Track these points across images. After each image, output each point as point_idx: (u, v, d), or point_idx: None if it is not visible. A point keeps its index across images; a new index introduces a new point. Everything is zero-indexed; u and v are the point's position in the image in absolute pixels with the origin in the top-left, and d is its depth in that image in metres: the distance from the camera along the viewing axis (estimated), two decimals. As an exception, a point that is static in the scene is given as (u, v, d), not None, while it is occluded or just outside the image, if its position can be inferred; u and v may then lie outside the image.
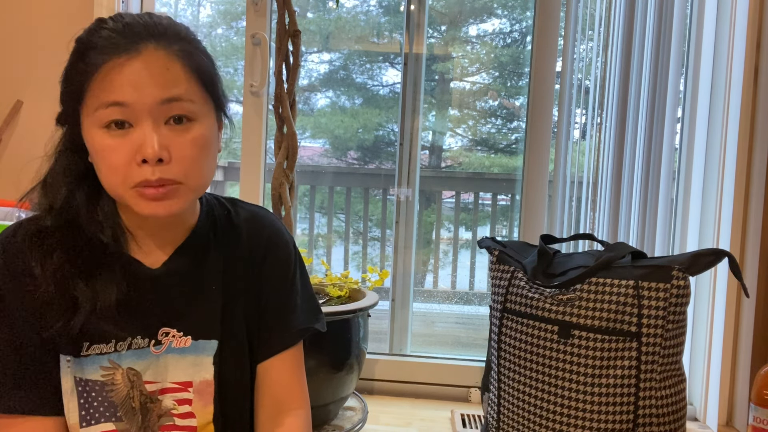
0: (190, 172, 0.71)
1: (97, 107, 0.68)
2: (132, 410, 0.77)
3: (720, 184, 1.62)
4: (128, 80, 0.67)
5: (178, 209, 0.72)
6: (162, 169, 0.69)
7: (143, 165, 0.68)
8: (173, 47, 0.70)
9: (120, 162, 0.69)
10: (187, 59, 0.72)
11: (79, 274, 0.72)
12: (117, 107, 0.68)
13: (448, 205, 2.84)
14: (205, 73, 0.74)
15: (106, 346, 0.75)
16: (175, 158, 0.70)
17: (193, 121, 0.72)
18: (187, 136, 0.71)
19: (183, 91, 0.70)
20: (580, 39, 1.75)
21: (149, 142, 0.68)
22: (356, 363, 1.53)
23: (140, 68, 0.68)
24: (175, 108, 0.70)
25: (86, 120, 0.71)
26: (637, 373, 1.03)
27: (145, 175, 0.68)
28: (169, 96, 0.69)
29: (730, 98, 1.60)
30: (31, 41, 1.79)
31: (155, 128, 0.69)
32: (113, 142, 0.69)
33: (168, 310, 0.79)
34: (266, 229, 0.87)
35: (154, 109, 0.69)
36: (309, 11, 2.58)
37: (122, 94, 0.67)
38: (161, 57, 0.69)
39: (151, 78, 0.68)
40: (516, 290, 1.18)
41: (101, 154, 0.70)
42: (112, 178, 0.70)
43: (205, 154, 0.73)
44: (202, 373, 0.80)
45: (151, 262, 0.79)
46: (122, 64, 0.67)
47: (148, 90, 0.68)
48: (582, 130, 1.79)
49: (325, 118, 2.74)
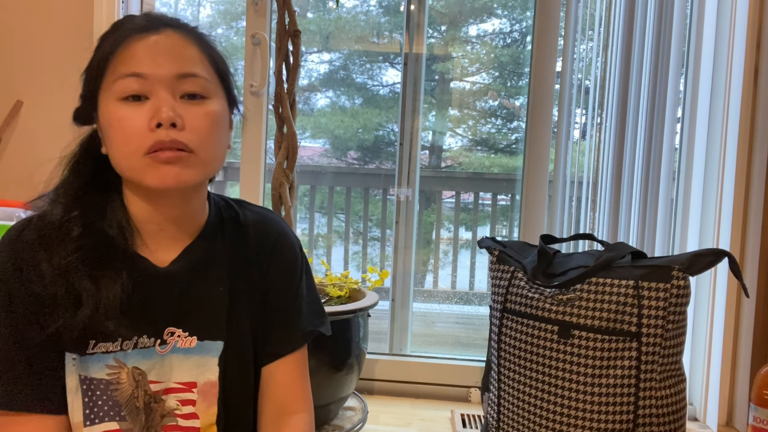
0: (202, 143, 0.73)
1: (116, 79, 0.71)
2: (136, 410, 0.77)
3: (720, 184, 1.62)
4: (147, 53, 0.71)
5: (188, 180, 0.73)
6: (176, 133, 0.71)
7: (157, 130, 0.70)
8: (191, 33, 0.76)
9: (135, 129, 0.71)
10: (203, 45, 0.77)
11: (86, 272, 0.72)
12: (135, 78, 0.71)
13: (448, 205, 2.84)
14: (218, 62, 0.78)
15: (112, 344, 0.75)
16: (188, 127, 0.72)
17: (206, 99, 0.75)
18: (200, 110, 0.74)
19: (198, 69, 0.74)
20: (580, 39, 1.75)
21: (164, 107, 0.70)
22: (356, 363, 1.53)
23: (159, 43, 0.72)
24: (189, 84, 0.73)
25: (104, 96, 0.73)
26: (637, 373, 1.03)
27: (160, 137, 0.70)
28: (186, 71, 0.73)
29: (730, 98, 1.60)
30: (31, 41, 1.79)
31: (172, 98, 0.72)
32: (129, 112, 0.71)
33: (174, 310, 0.79)
34: (274, 232, 0.87)
35: (170, 83, 0.72)
36: (309, 11, 2.58)
37: (140, 66, 0.71)
38: (179, 38, 0.74)
39: (169, 53, 0.72)
40: (516, 290, 1.18)
41: (117, 125, 0.72)
42: (125, 147, 0.72)
43: (217, 129, 0.76)
44: (206, 374, 0.80)
45: (159, 260, 0.79)
46: (142, 39, 0.72)
47: (165, 64, 0.72)
48: (582, 130, 1.79)
49: (325, 118, 2.74)
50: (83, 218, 0.74)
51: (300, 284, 0.89)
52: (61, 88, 1.79)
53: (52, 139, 1.78)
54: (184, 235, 0.81)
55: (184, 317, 0.79)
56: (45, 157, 0.75)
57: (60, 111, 1.77)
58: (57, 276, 0.72)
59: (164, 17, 0.76)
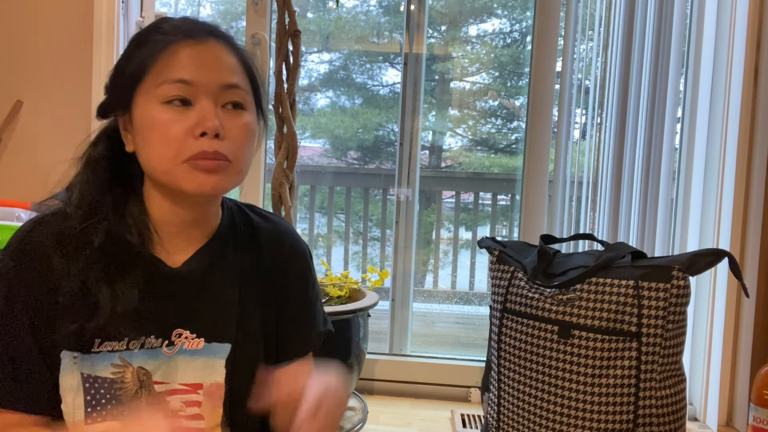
0: (239, 153, 0.75)
1: (161, 83, 0.72)
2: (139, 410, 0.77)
3: (720, 184, 1.62)
4: (195, 61, 0.72)
5: (223, 189, 0.75)
6: (218, 143, 0.72)
7: (200, 138, 0.71)
8: (233, 48, 0.78)
9: (177, 134, 0.71)
10: (242, 57, 0.78)
11: (105, 278, 0.73)
12: (182, 84, 0.72)
13: (448, 205, 2.84)
14: (255, 75, 0.80)
15: (119, 343, 0.75)
16: (228, 137, 0.73)
17: (244, 110, 0.76)
18: (240, 121, 0.75)
19: (241, 80, 0.76)
20: (580, 39, 1.75)
21: (210, 116, 0.72)
22: (356, 363, 1.53)
23: (206, 52, 0.74)
24: (232, 94, 0.75)
25: (143, 97, 0.73)
26: (637, 373, 1.03)
27: (203, 147, 0.71)
28: (230, 82, 0.74)
29: (730, 98, 1.60)
30: (31, 41, 1.79)
31: (215, 107, 0.73)
32: (172, 116, 0.72)
33: (183, 311, 0.79)
34: (288, 240, 0.88)
35: (215, 91, 0.73)
36: (309, 11, 2.58)
37: (189, 73, 0.72)
38: (223, 49, 0.76)
39: (216, 63, 0.74)
40: (516, 290, 1.18)
41: (159, 128, 0.72)
42: (165, 151, 0.72)
43: (250, 141, 0.78)
44: (213, 375, 0.80)
45: (171, 261, 0.79)
46: (190, 46, 0.73)
47: (212, 73, 0.73)
48: (582, 130, 1.79)
49: (325, 118, 2.74)
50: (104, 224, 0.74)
51: (314, 289, 0.91)
52: (61, 88, 1.79)
53: (52, 139, 1.79)
54: (198, 236, 0.81)
55: (193, 318, 0.79)
56: (45, 157, 0.75)
57: (60, 111, 1.78)
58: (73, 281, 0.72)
59: (207, 25, 0.77)
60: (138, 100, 0.73)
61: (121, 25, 1.80)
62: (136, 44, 0.75)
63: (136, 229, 0.76)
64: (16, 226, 1.29)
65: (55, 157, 0.75)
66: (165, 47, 0.72)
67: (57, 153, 0.78)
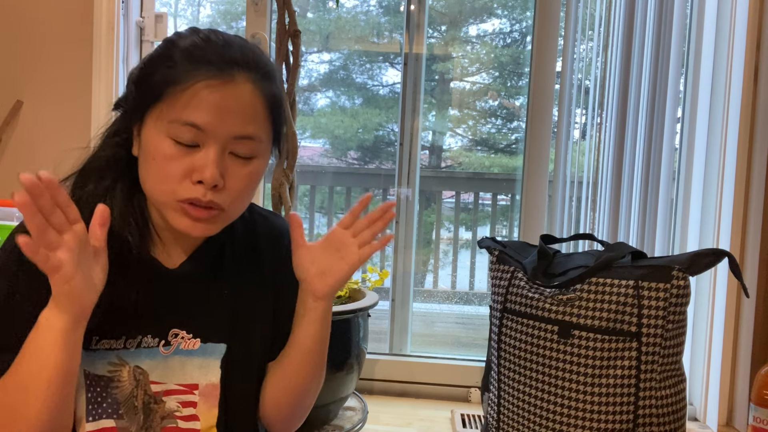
0: (236, 203, 0.74)
1: (173, 120, 0.69)
2: (134, 409, 0.77)
3: (720, 184, 1.62)
4: (213, 107, 0.69)
5: (211, 233, 0.75)
6: (213, 194, 0.71)
7: (197, 185, 0.70)
8: (261, 82, 0.72)
9: (176, 174, 0.70)
10: (269, 96, 0.74)
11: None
12: (193, 128, 0.69)
13: (448, 205, 2.84)
14: (278, 111, 0.76)
15: (116, 342, 0.75)
16: (228, 187, 0.72)
17: (254, 158, 0.74)
18: (245, 170, 0.73)
19: (257, 130, 0.73)
20: (580, 39, 1.75)
21: (211, 167, 0.69)
22: (356, 363, 1.53)
23: (228, 98, 0.69)
24: (244, 146, 0.72)
25: (154, 122, 0.71)
26: (637, 373, 1.03)
27: (197, 194, 0.70)
28: (244, 134, 0.71)
29: (730, 98, 1.60)
30: (32, 41, 1.79)
31: (221, 156, 0.70)
32: (176, 154, 0.70)
33: (180, 311, 0.79)
34: (285, 238, 0.88)
35: (226, 140, 0.70)
36: (309, 11, 2.58)
37: (202, 119, 0.69)
38: (249, 90, 0.71)
39: (234, 112, 0.70)
40: (516, 290, 1.18)
41: (159, 161, 0.70)
42: (161, 185, 0.71)
43: (254, 187, 0.76)
44: (208, 376, 0.80)
45: (169, 262, 0.79)
46: (213, 87, 0.69)
47: (228, 122, 0.70)
48: (582, 130, 1.79)
49: (325, 118, 2.73)
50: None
51: None
52: (61, 88, 1.79)
53: (52, 139, 1.79)
54: (196, 239, 0.81)
55: (189, 319, 0.79)
56: (45, 157, 0.75)
57: (60, 111, 1.78)
58: None
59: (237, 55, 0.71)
60: (148, 120, 0.72)
61: (121, 25, 1.80)
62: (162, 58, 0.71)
63: (139, 233, 0.76)
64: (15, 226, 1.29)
65: (55, 157, 0.75)
66: (185, 81, 0.68)
67: (57, 153, 0.78)
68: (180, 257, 0.80)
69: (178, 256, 0.80)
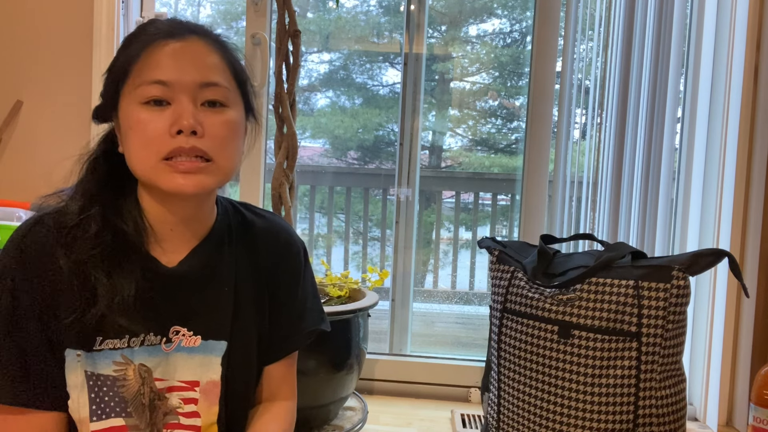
0: (221, 151, 0.75)
1: (139, 84, 0.72)
2: (142, 406, 0.78)
3: (720, 184, 1.62)
4: (171, 60, 0.73)
5: (204, 188, 0.75)
6: (196, 140, 0.72)
7: (177, 136, 0.72)
8: (214, 41, 0.77)
9: (155, 133, 0.72)
10: (226, 53, 0.78)
11: (103, 267, 0.74)
12: (158, 85, 0.72)
13: (448, 205, 2.84)
14: (239, 71, 0.79)
15: (119, 341, 0.76)
16: (207, 134, 0.73)
17: (225, 107, 0.76)
18: (220, 118, 0.75)
19: (219, 78, 0.75)
20: (580, 39, 1.75)
21: (186, 114, 0.72)
22: (356, 363, 1.53)
23: (183, 51, 0.73)
24: (211, 92, 0.75)
25: (126, 99, 0.74)
26: (637, 373, 1.03)
27: (179, 143, 0.72)
28: (208, 80, 0.74)
29: (730, 98, 1.60)
30: (32, 41, 1.79)
31: (193, 105, 0.73)
32: (150, 116, 0.72)
33: (180, 309, 0.80)
34: (281, 236, 0.89)
35: (192, 90, 0.73)
36: (309, 11, 2.58)
37: (165, 73, 0.72)
38: (203, 45, 0.75)
39: (193, 61, 0.74)
40: (516, 290, 1.18)
41: (137, 128, 0.73)
42: (143, 151, 0.73)
43: (234, 137, 0.77)
44: (209, 373, 0.81)
45: (167, 260, 0.80)
46: (167, 45, 0.73)
47: (189, 72, 0.73)
48: (582, 130, 1.79)
49: (325, 118, 2.73)
50: (101, 215, 0.76)
51: (305, 286, 0.91)
52: (61, 88, 1.79)
53: (52, 139, 1.79)
54: (193, 236, 0.82)
55: (190, 317, 0.80)
56: (45, 157, 0.76)
57: (60, 111, 1.78)
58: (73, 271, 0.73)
59: (189, 24, 0.77)
60: (122, 102, 0.75)
61: (121, 25, 1.80)
62: (123, 46, 0.76)
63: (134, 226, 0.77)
64: (15, 226, 1.29)
65: (55, 157, 0.76)
66: (144, 48, 0.73)
67: (57, 153, 0.79)
68: (178, 255, 0.81)
69: (176, 254, 0.81)
